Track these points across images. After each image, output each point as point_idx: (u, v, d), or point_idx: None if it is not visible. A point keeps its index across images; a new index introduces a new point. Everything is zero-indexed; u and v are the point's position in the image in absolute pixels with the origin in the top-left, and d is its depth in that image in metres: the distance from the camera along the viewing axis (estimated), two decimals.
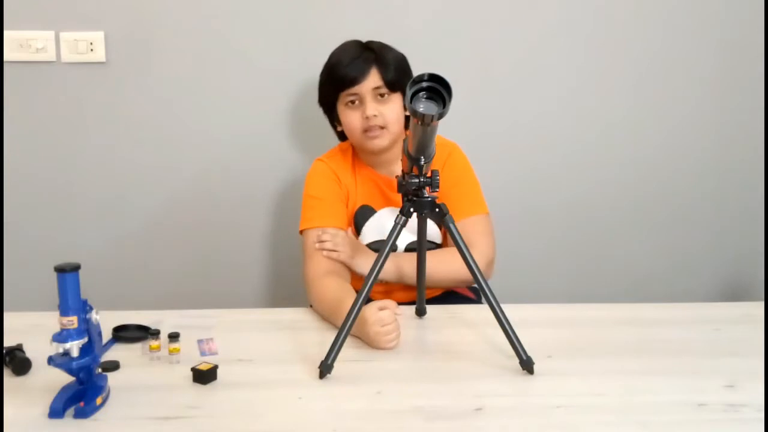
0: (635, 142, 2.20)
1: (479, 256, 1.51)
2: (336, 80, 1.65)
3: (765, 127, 2.20)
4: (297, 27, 2.05)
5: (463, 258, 1.29)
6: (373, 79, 1.62)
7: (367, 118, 1.62)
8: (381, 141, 1.64)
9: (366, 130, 1.63)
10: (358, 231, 1.72)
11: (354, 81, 1.62)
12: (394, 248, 1.68)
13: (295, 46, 2.06)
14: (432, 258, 1.52)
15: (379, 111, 1.62)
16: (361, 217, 1.71)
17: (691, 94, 2.18)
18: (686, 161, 2.22)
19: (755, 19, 2.12)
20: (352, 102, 1.64)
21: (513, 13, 2.09)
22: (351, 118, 1.64)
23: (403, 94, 1.60)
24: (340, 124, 1.72)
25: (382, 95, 1.64)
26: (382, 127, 1.63)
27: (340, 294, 1.46)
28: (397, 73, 1.65)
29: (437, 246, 1.72)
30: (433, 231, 1.70)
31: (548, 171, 2.20)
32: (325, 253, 1.59)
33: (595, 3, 2.10)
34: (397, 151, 1.67)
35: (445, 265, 1.57)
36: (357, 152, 1.74)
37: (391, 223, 1.30)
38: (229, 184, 2.14)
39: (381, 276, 1.56)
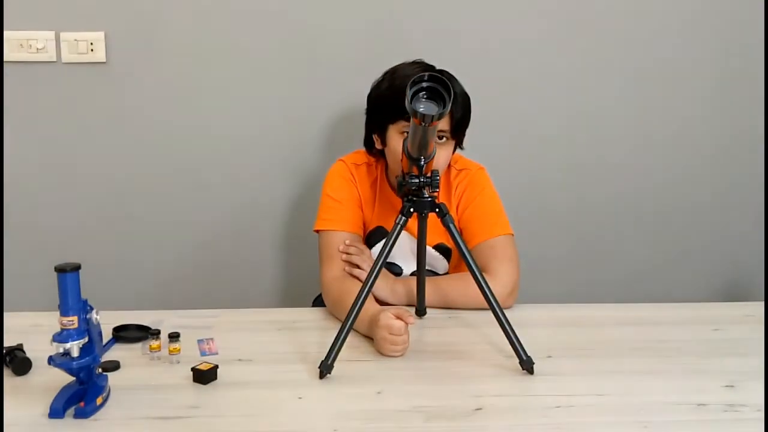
0: (635, 143, 2.20)
1: (500, 286, 1.49)
2: (402, 108, 1.26)
3: (765, 127, 2.20)
4: (299, 25, 2.05)
5: (480, 288, 1.29)
6: (443, 123, 1.51)
7: None
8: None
9: None
10: (368, 247, 1.69)
11: None
12: (398, 272, 1.69)
13: (297, 44, 2.06)
14: (449, 285, 1.56)
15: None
16: (373, 237, 1.68)
17: (690, 95, 2.18)
18: (686, 161, 2.22)
19: (756, 21, 2.12)
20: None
21: (515, 14, 2.09)
22: (401, 149, 1.41)
23: (459, 139, 1.61)
24: (381, 142, 1.60)
25: (441, 137, 1.55)
26: None
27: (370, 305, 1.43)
28: (463, 119, 1.57)
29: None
30: (440, 266, 1.70)
31: (547, 171, 2.20)
32: (347, 268, 1.57)
33: (598, 5, 2.10)
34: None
35: (462, 296, 1.56)
36: (386, 172, 1.68)
37: (403, 248, 1.28)
38: (229, 184, 2.14)
39: (392, 300, 1.58)
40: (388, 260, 1.64)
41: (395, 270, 1.69)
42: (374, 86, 1.62)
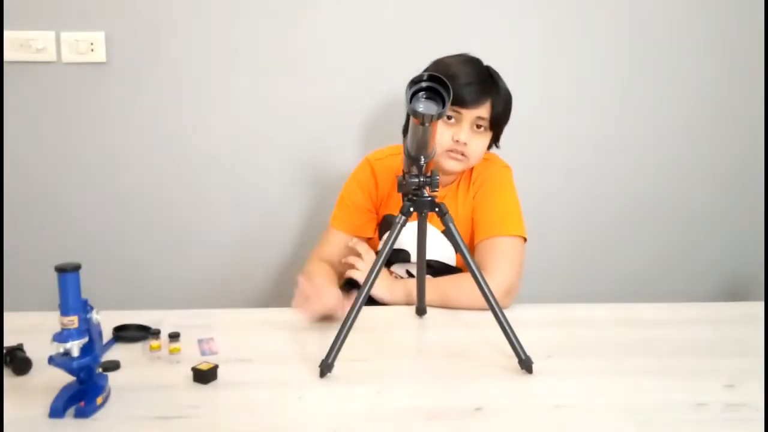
0: (635, 143, 2.20)
1: (495, 285, 1.47)
2: None
3: (765, 127, 2.20)
4: (298, 26, 2.05)
5: (478, 286, 1.30)
6: (482, 110, 1.60)
7: (457, 141, 1.60)
8: (457, 165, 1.63)
9: (450, 150, 1.61)
10: (380, 236, 1.73)
11: (467, 104, 1.58)
12: (406, 258, 1.71)
13: (297, 44, 2.06)
14: (450, 286, 1.57)
15: (470, 140, 1.61)
16: (385, 225, 1.72)
17: (691, 95, 2.18)
18: (686, 161, 2.22)
19: (756, 21, 2.12)
20: (449, 118, 1.60)
21: (515, 14, 2.09)
22: (440, 133, 1.59)
23: (496, 134, 1.68)
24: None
25: (479, 126, 1.62)
26: (464, 155, 1.62)
27: (314, 272, 1.66)
28: (503, 112, 1.64)
29: (451, 268, 1.71)
30: (447, 255, 1.71)
31: (547, 172, 2.20)
32: (344, 263, 1.66)
33: (601, 6, 2.10)
34: (454, 178, 1.70)
35: (462, 295, 1.57)
36: None
37: (409, 238, 1.29)
38: (229, 184, 2.14)
39: (389, 300, 1.61)
40: (396, 247, 1.66)
41: (403, 257, 1.71)
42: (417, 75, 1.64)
